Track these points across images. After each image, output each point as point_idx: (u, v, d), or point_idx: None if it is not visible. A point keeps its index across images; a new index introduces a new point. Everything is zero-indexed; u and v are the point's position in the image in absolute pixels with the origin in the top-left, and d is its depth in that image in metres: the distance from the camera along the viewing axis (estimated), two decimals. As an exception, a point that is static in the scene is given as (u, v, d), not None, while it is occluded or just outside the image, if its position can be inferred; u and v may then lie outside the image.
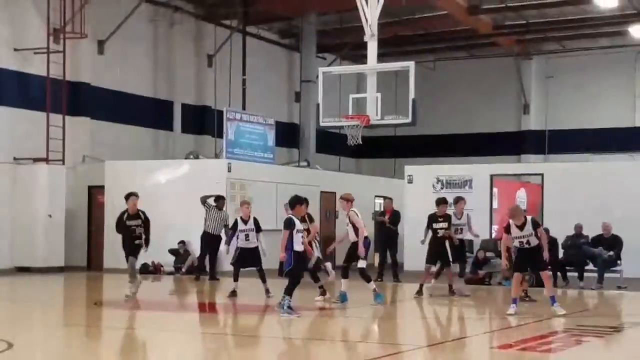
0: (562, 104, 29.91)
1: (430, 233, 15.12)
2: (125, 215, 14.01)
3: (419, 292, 14.79)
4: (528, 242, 12.20)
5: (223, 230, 18.24)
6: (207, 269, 18.63)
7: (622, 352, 9.80)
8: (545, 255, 12.28)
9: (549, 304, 12.20)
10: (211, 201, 18.50)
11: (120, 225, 14.09)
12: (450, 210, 15.37)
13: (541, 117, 30.46)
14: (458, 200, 15.93)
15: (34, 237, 20.39)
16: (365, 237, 12.94)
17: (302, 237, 11.67)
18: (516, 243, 12.32)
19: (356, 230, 12.84)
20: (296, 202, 11.71)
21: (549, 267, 13.20)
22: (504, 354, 9.07)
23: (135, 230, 13.91)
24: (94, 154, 22.47)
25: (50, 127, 20.80)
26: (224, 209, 18.70)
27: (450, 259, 15.07)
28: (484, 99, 30.74)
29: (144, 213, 14.06)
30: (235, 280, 14.15)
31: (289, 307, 11.40)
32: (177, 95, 25.51)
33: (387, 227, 18.69)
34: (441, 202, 15.22)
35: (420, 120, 17.70)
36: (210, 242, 18.43)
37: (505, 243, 12.60)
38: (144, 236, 13.92)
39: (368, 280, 13.13)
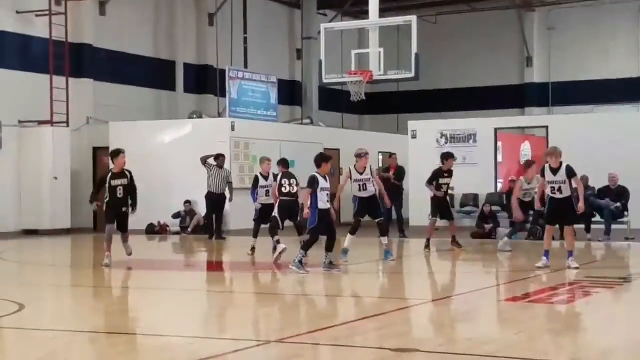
0: (565, 56, 29.71)
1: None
2: (110, 174, 12.58)
3: (427, 246, 14.85)
4: (560, 190, 11.71)
5: (227, 188, 18.28)
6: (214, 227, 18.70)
7: (632, 302, 9.87)
8: (580, 206, 11.75)
9: (565, 257, 12.08)
10: (211, 160, 18.49)
11: (101, 185, 12.69)
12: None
13: (544, 69, 30.28)
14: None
15: (40, 199, 20.45)
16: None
17: (327, 194, 11.64)
18: (548, 190, 11.83)
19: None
20: (321, 159, 11.72)
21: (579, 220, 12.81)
22: (512, 306, 9.14)
23: (117, 191, 12.48)
24: (97, 115, 22.45)
25: (53, 89, 20.75)
26: (225, 166, 18.70)
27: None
28: (486, 52, 30.54)
29: (130, 172, 12.67)
30: (255, 236, 14.18)
31: (300, 262, 11.49)
32: (179, 55, 25.37)
33: (392, 183, 18.69)
34: (448, 156, 15.16)
35: (423, 75, 17.65)
36: (215, 201, 18.47)
37: (540, 188, 12.39)
38: (129, 200, 12.60)
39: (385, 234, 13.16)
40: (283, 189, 12.83)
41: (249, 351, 6.87)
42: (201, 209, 19.71)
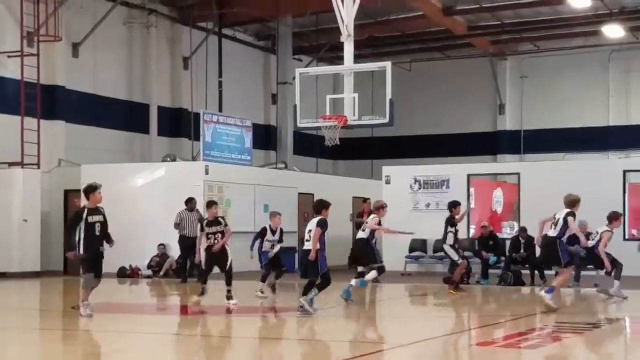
0: (537, 103, 30.15)
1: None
2: (86, 210, 11.81)
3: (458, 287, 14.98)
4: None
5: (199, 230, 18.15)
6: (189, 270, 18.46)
7: (601, 347, 9.87)
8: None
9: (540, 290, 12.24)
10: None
11: (77, 222, 11.74)
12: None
13: (516, 117, 30.68)
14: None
15: (10, 241, 20.20)
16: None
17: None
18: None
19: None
20: (321, 206, 12.16)
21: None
22: (483, 351, 9.10)
23: (95, 228, 11.73)
24: (69, 158, 22.32)
25: (25, 131, 20.64)
26: (196, 209, 18.63)
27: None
28: (459, 99, 30.91)
29: (103, 209, 12.03)
30: (263, 281, 14.48)
31: (311, 301, 11.64)
32: (153, 98, 25.39)
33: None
34: (457, 204, 15.42)
35: (397, 121, 17.71)
36: (188, 245, 18.34)
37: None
38: (104, 238, 11.83)
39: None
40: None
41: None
42: (174, 252, 19.55)
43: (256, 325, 11.61)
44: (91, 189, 11.99)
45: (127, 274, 20.26)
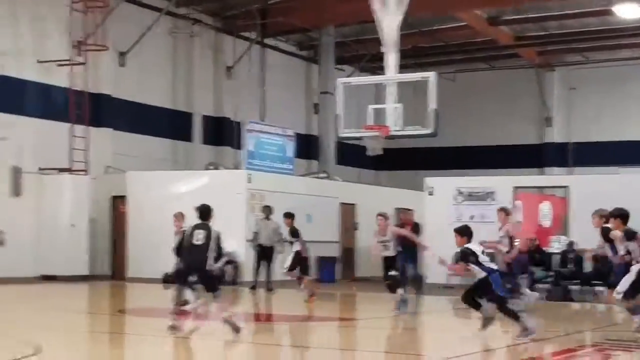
0: (586, 116, 29.65)
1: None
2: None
3: None
4: None
5: (277, 240, 18.13)
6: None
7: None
8: None
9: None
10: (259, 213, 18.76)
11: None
12: None
13: (564, 129, 30.26)
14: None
15: (59, 245, 20.47)
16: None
17: None
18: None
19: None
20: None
21: None
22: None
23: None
24: (115, 165, 22.57)
25: (73, 138, 20.94)
26: (272, 217, 18.64)
27: None
28: (505, 110, 30.60)
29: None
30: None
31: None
32: (196, 107, 25.57)
33: (409, 240, 18.54)
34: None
35: (441, 132, 17.56)
36: (265, 253, 18.40)
37: None
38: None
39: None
40: None
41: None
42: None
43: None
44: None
45: (171, 279, 20.32)
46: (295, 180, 23.21)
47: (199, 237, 10.41)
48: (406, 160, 30.57)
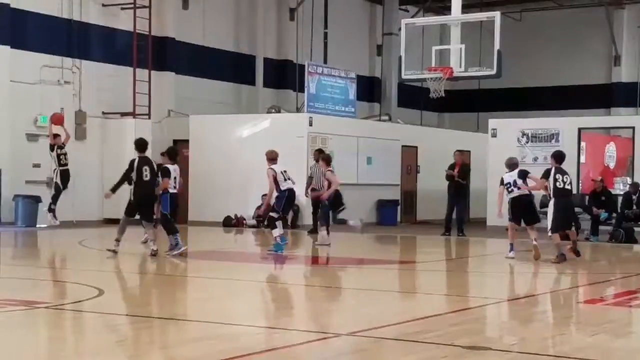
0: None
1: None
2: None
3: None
4: None
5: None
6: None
7: None
8: None
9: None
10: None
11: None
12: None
13: (633, 68, 29.36)
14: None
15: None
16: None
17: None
18: None
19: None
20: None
21: None
22: (590, 308, 8.88)
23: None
24: (178, 108, 22.82)
25: (136, 82, 21.20)
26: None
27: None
28: (572, 50, 29.80)
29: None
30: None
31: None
32: (259, 50, 25.57)
33: (456, 181, 18.41)
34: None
35: (505, 73, 17.31)
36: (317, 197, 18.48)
37: None
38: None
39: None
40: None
41: (319, 343, 6.84)
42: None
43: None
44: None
45: (232, 223, 20.67)
46: (357, 123, 23.11)
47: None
48: (469, 102, 30.15)
